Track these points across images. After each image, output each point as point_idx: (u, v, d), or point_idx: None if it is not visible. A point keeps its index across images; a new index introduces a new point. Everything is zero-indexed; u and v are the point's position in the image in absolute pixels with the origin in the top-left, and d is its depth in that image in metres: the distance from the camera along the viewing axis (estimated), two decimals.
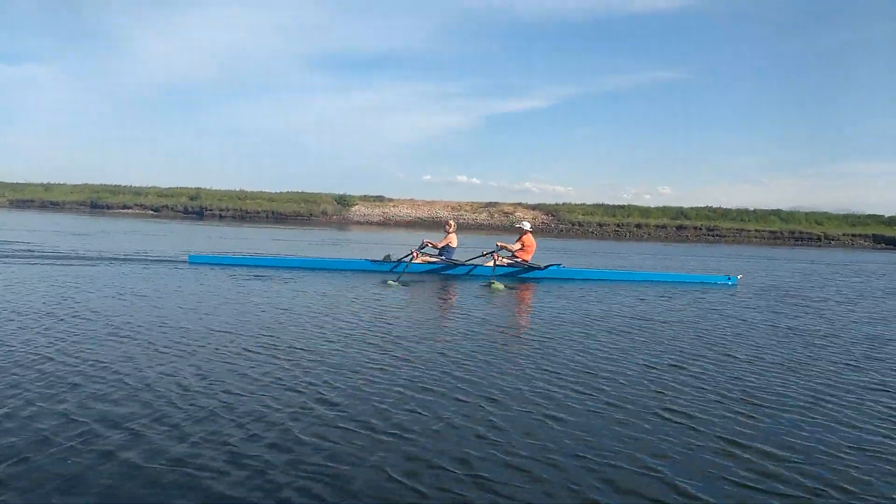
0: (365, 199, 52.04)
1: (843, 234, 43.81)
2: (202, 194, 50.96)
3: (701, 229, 44.86)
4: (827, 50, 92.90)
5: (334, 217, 48.82)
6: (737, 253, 27.15)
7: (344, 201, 50.63)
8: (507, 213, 50.19)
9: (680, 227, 45.37)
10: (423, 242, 11.73)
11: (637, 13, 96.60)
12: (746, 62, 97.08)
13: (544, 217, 49.15)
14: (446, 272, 11.45)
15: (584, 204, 50.88)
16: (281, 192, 52.53)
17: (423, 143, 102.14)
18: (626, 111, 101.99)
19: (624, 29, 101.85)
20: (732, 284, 11.81)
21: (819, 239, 43.36)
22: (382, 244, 22.23)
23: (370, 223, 47.77)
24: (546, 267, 11.41)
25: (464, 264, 11.48)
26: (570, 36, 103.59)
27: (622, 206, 49.82)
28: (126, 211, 49.57)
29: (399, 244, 21.92)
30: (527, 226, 11.80)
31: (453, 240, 11.68)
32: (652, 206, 50.75)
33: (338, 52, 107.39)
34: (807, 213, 47.64)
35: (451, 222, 12.10)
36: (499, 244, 11.51)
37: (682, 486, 2.91)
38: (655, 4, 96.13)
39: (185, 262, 11.47)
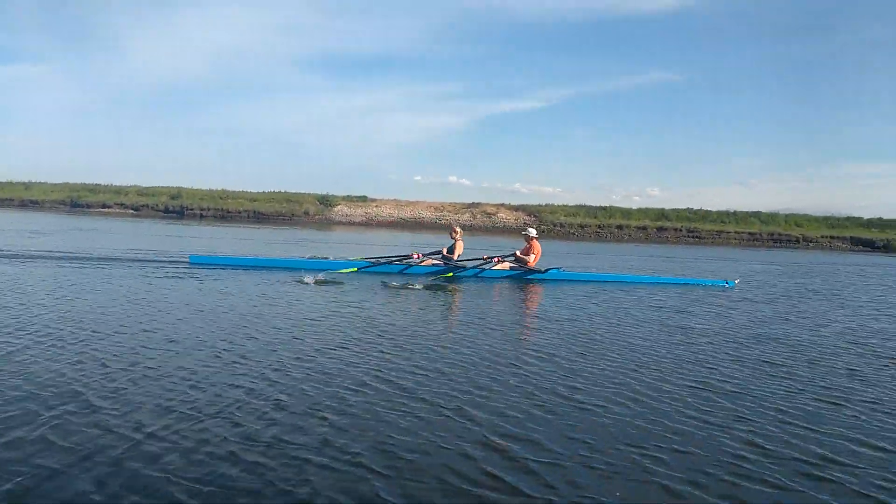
0: (348, 199, 51.91)
1: (822, 237, 43.98)
2: (183, 193, 50.71)
3: (681, 231, 44.95)
4: (822, 53, 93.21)
5: (316, 217, 48.67)
6: (713, 255, 27.20)
7: (327, 201, 50.48)
8: (489, 213, 50.20)
9: (660, 229, 45.44)
10: (441, 252, 11.95)
11: (633, 15, 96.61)
12: (740, 65, 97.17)
13: (526, 218, 49.12)
14: (449, 274, 11.60)
15: (566, 205, 50.95)
16: (263, 192, 52.35)
17: (420, 144, 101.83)
18: (620, 113, 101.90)
19: (620, 31, 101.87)
20: (730, 288, 11.99)
21: (798, 241, 43.49)
22: (361, 245, 22.14)
23: (352, 223, 47.65)
24: (546, 270, 11.70)
25: (465, 267, 11.67)
26: (568, 37, 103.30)
27: (604, 208, 49.91)
28: (106, 210, 49.27)
29: (382, 245, 21.82)
30: (533, 232, 12.10)
31: (461, 246, 11.93)
32: (642, 207, 50.91)
33: (336, 52, 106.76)
34: (787, 216, 47.82)
35: (458, 228, 12.22)
36: (518, 253, 11.91)
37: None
38: (652, 6, 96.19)
39: (186, 262, 11.55)
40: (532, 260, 11.80)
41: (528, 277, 11.64)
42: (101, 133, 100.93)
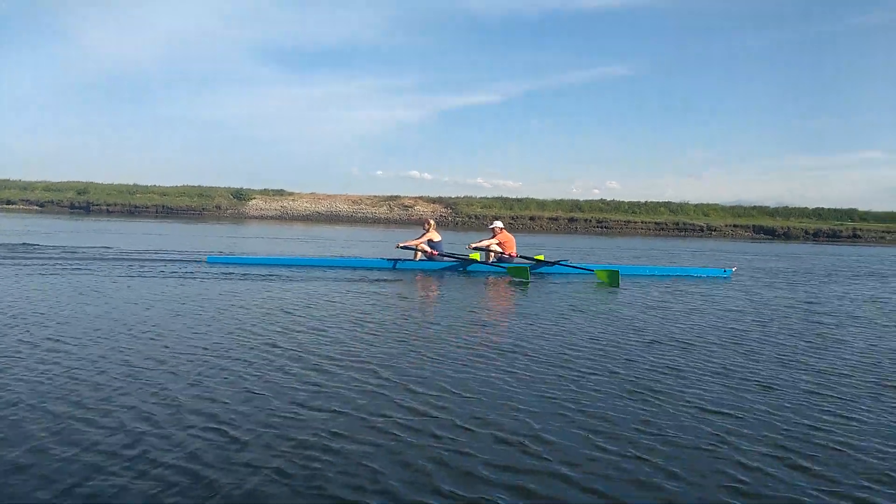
0: (265, 192, 51.26)
1: (726, 225, 45.06)
2: (91, 189, 49.41)
3: (591, 221, 45.57)
4: (772, 48, 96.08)
5: (229, 211, 47.89)
6: (603, 246, 27.47)
7: (241, 195, 49.72)
8: (407, 206, 50.12)
9: (571, 220, 46.00)
10: (401, 244, 12.14)
11: (587, 9, 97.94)
12: (692, 60, 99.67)
13: (443, 210, 49.24)
14: (444, 268, 11.72)
15: (483, 197, 51.29)
16: (174, 186, 51.39)
17: (381, 139, 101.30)
18: (578, 107, 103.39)
19: (575, 24, 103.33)
20: (727, 276, 12.51)
21: (702, 229, 44.50)
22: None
23: (266, 218, 46.99)
24: (555, 263, 12.00)
25: (457, 258, 11.84)
26: (524, 31, 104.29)
27: (520, 199, 50.33)
28: (10, 207, 47.65)
29: (290, 239, 21.35)
30: (499, 224, 12.19)
31: (435, 235, 12.00)
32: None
33: (291, 43, 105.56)
34: (695, 205, 48.88)
35: (431, 221, 12.32)
36: (471, 245, 12.08)
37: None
38: (607, 0, 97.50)
39: (203, 261, 11.37)
40: (496, 245, 11.80)
41: (537, 270, 11.66)
42: (42, 122, 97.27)
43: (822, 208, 48.29)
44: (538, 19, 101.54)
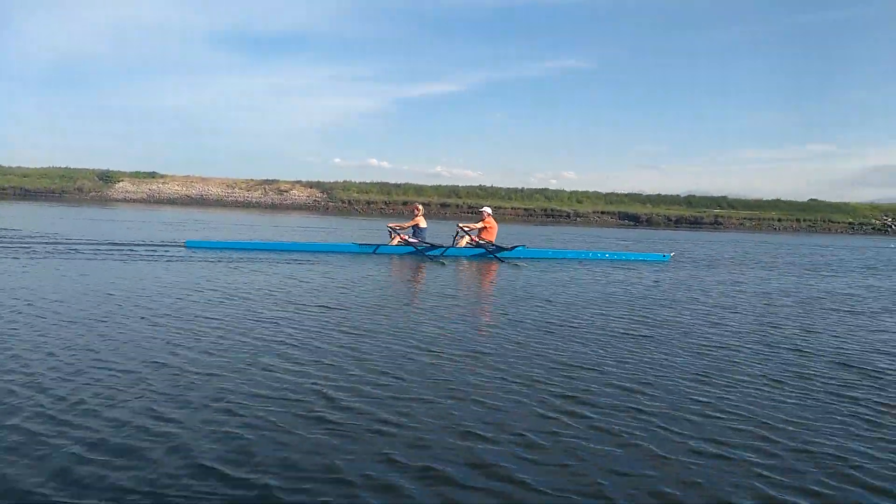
0: (136, 175, 49.62)
1: (593, 212, 45.38)
2: None
3: (462, 207, 45.36)
4: (719, 44, 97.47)
5: (92, 194, 46.17)
6: None
7: (108, 177, 48.03)
8: (283, 190, 49.13)
9: (443, 205, 45.72)
10: (393, 225, 12.68)
11: (546, 2, 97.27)
12: (647, 53, 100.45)
13: (319, 195, 48.43)
14: (421, 253, 12.05)
15: (362, 182, 50.61)
16: (36, 168, 49.41)
17: (339, 127, 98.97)
18: (535, 98, 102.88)
19: (534, 17, 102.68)
20: (666, 260, 13.13)
21: (569, 216, 44.74)
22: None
23: (131, 200, 45.44)
24: (512, 248, 12.43)
25: (435, 246, 12.15)
26: (483, 22, 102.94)
27: (398, 185, 49.84)
28: None
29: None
30: (488, 210, 12.76)
31: (422, 221, 12.51)
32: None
33: (245, 30, 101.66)
34: (570, 193, 49.16)
35: (420, 206, 12.84)
36: (460, 225, 12.56)
37: None
38: None
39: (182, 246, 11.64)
40: (482, 229, 12.38)
41: (498, 255, 12.08)
42: None
43: (694, 196, 49.12)
44: (496, 11, 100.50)
